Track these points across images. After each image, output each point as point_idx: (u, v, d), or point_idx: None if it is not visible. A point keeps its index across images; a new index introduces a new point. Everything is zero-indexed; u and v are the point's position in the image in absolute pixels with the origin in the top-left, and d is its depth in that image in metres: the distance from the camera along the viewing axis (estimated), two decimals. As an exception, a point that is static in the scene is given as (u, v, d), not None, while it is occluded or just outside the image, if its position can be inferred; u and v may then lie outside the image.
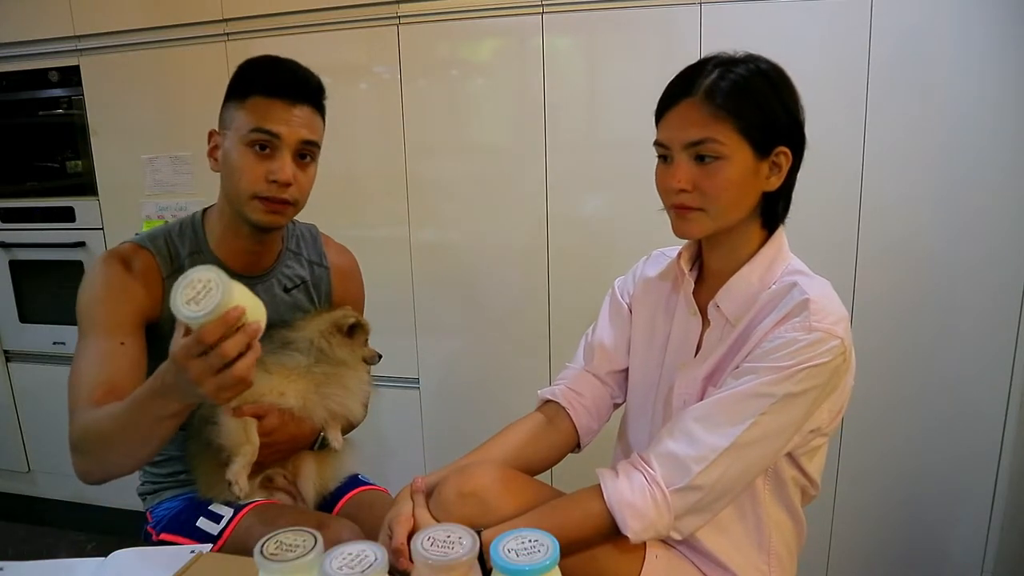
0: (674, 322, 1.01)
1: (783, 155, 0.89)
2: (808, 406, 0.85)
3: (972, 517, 1.66)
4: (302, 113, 1.07)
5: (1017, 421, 1.59)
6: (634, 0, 1.65)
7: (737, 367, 0.88)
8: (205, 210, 1.18)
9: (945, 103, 1.52)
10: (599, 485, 0.86)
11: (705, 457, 0.82)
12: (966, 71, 1.50)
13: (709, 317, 0.96)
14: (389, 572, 0.61)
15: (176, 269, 1.11)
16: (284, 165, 1.05)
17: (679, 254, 1.02)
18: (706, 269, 1.00)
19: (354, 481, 1.28)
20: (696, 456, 0.83)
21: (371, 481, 1.31)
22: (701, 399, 0.92)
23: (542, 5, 1.71)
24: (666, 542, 0.94)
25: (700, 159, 0.87)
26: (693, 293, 0.99)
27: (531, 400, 1.14)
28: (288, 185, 1.06)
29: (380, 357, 1.25)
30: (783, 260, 0.93)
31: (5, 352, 2.35)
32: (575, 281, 1.83)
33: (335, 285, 1.29)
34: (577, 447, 1.10)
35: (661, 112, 0.92)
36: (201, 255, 1.14)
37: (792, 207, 0.97)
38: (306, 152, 1.09)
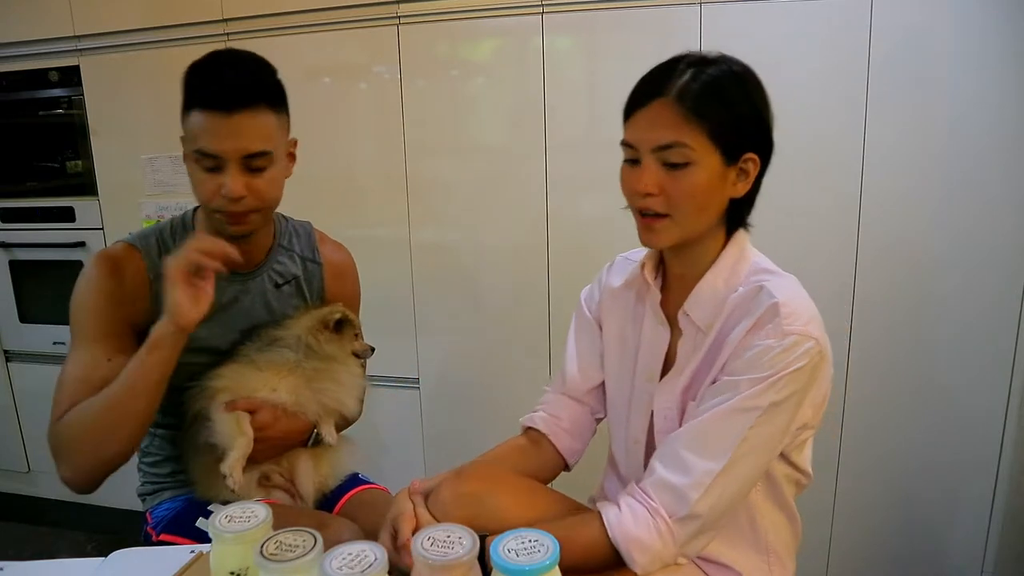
0: (642, 332, 0.99)
1: (751, 162, 0.87)
2: (792, 410, 0.84)
3: (972, 517, 1.66)
4: (242, 121, 1.00)
5: (1017, 421, 1.59)
6: (634, 0, 1.65)
7: (715, 380, 0.87)
8: (196, 207, 1.18)
9: (945, 103, 1.52)
10: (599, 515, 0.85)
11: (701, 483, 0.82)
12: (966, 71, 1.50)
13: (680, 326, 0.94)
14: (389, 572, 0.61)
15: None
16: (230, 181, 1.01)
17: (642, 264, 0.99)
18: (670, 276, 0.98)
19: (354, 480, 1.29)
20: (692, 483, 0.82)
21: (371, 480, 1.31)
22: (681, 412, 0.91)
23: (542, 5, 1.71)
24: None
25: (669, 164, 0.85)
26: (660, 302, 0.97)
27: (531, 400, 1.14)
28: (240, 198, 1.03)
29: (373, 350, 1.25)
30: (745, 260, 0.92)
31: (5, 352, 2.35)
32: (575, 281, 1.81)
33: (328, 282, 1.28)
34: (566, 467, 1.10)
35: (630, 111, 0.89)
36: None
37: (792, 208, 0.97)
38: (256, 164, 1.03)
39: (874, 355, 1.64)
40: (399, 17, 1.81)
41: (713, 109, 0.83)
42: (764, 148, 0.87)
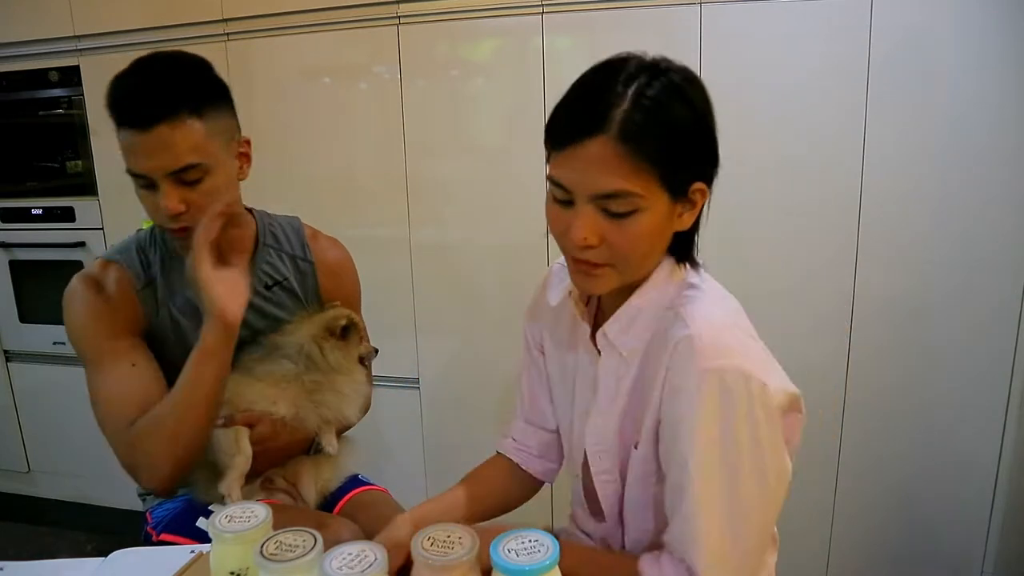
0: (578, 357, 0.92)
1: (699, 192, 0.77)
2: (763, 437, 0.74)
3: (971, 518, 1.66)
4: (161, 136, 0.94)
5: (1017, 422, 1.59)
6: (634, 0, 1.65)
7: (657, 422, 0.80)
8: None
9: (945, 103, 1.52)
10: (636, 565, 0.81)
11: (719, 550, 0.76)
12: (966, 71, 1.50)
13: (599, 347, 0.86)
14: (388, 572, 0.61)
15: (149, 280, 1.10)
16: (163, 199, 0.98)
17: (570, 291, 0.91)
18: (603, 298, 0.89)
19: (354, 481, 1.28)
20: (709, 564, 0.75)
21: (371, 481, 1.31)
22: (621, 459, 0.86)
23: (542, 5, 1.71)
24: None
25: (611, 212, 0.73)
26: (595, 322, 0.89)
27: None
28: (179, 215, 0.99)
29: (377, 352, 1.23)
30: (676, 277, 0.83)
31: (5, 352, 2.35)
32: (575, 281, 1.82)
33: (323, 281, 1.24)
34: (548, 482, 1.09)
35: (561, 141, 0.75)
36: (172, 260, 1.12)
37: (792, 208, 0.95)
38: (188, 177, 0.98)
39: (874, 355, 1.64)
40: (399, 17, 1.81)
41: (662, 145, 0.71)
42: (711, 172, 0.78)
